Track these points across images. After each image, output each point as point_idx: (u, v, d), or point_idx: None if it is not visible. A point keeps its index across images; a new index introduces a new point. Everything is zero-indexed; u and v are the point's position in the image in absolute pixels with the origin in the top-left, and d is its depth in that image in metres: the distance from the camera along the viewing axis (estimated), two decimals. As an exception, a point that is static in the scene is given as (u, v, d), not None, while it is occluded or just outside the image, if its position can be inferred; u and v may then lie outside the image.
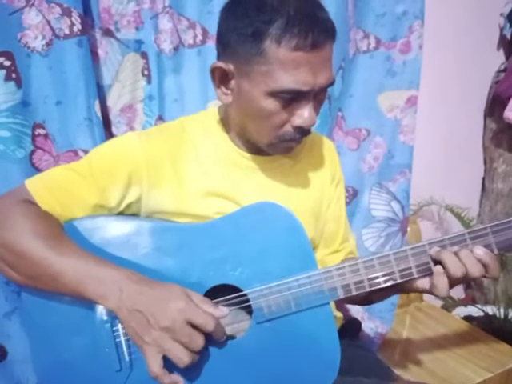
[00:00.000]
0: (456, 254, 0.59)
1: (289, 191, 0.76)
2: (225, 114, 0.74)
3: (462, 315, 1.63)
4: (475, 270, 0.58)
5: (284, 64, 0.60)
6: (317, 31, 0.59)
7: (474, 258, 0.58)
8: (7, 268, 0.64)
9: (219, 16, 0.66)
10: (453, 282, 0.60)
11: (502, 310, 1.60)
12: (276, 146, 0.69)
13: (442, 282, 0.59)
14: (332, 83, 0.66)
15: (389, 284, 0.61)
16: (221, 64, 0.65)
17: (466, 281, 0.60)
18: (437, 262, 0.60)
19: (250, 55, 0.61)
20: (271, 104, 0.63)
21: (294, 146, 0.71)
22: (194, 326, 0.57)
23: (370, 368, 0.79)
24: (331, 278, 0.62)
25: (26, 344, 0.83)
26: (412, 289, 0.65)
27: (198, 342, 0.57)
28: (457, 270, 0.58)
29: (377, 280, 0.61)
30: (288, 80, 0.61)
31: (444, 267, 0.59)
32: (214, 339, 0.60)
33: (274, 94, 0.62)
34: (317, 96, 0.65)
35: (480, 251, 0.58)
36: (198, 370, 0.62)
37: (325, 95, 0.68)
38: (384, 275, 0.61)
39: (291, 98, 0.63)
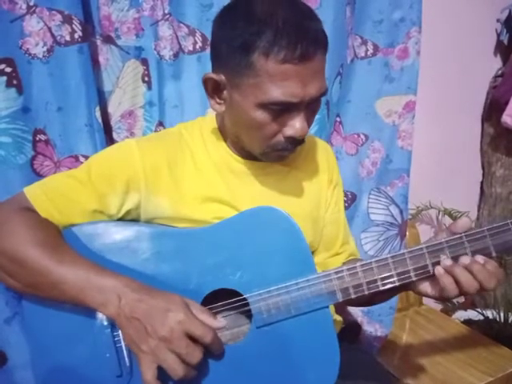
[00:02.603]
0: (468, 269, 0.58)
1: (285, 196, 0.76)
2: (221, 122, 0.75)
3: (462, 319, 1.63)
4: (491, 284, 0.57)
5: (272, 76, 0.59)
6: (306, 43, 0.58)
7: (487, 273, 0.57)
8: (7, 276, 0.64)
9: (212, 26, 0.66)
10: (463, 294, 0.59)
11: (501, 314, 1.60)
12: (269, 154, 0.69)
13: (448, 282, 0.58)
14: (324, 93, 0.65)
15: (387, 287, 0.61)
16: (212, 75, 0.65)
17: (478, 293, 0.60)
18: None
19: (239, 67, 0.61)
20: (261, 115, 0.63)
21: (287, 155, 0.71)
22: (191, 338, 0.57)
23: (369, 372, 0.79)
24: (330, 281, 0.62)
25: (27, 350, 0.83)
26: (418, 292, 0.65)
27: (195, 355, 0.57)
28: (470, 287, 0.57)
29: (375, 283, 0.62)
30: (277, 92, 0.60)
31: (457, 283, 0.58)
32: (211, 351, 0.60)
33: (263, 106, 0.62)
34: (309, 106, 0.64)
35: (491, 266, 0.58)
36: (197, 375, 0.61)
37: (318, 105, 0.67)
38: (382, 278, 0.61)
39: (282, 109, 0.62)
